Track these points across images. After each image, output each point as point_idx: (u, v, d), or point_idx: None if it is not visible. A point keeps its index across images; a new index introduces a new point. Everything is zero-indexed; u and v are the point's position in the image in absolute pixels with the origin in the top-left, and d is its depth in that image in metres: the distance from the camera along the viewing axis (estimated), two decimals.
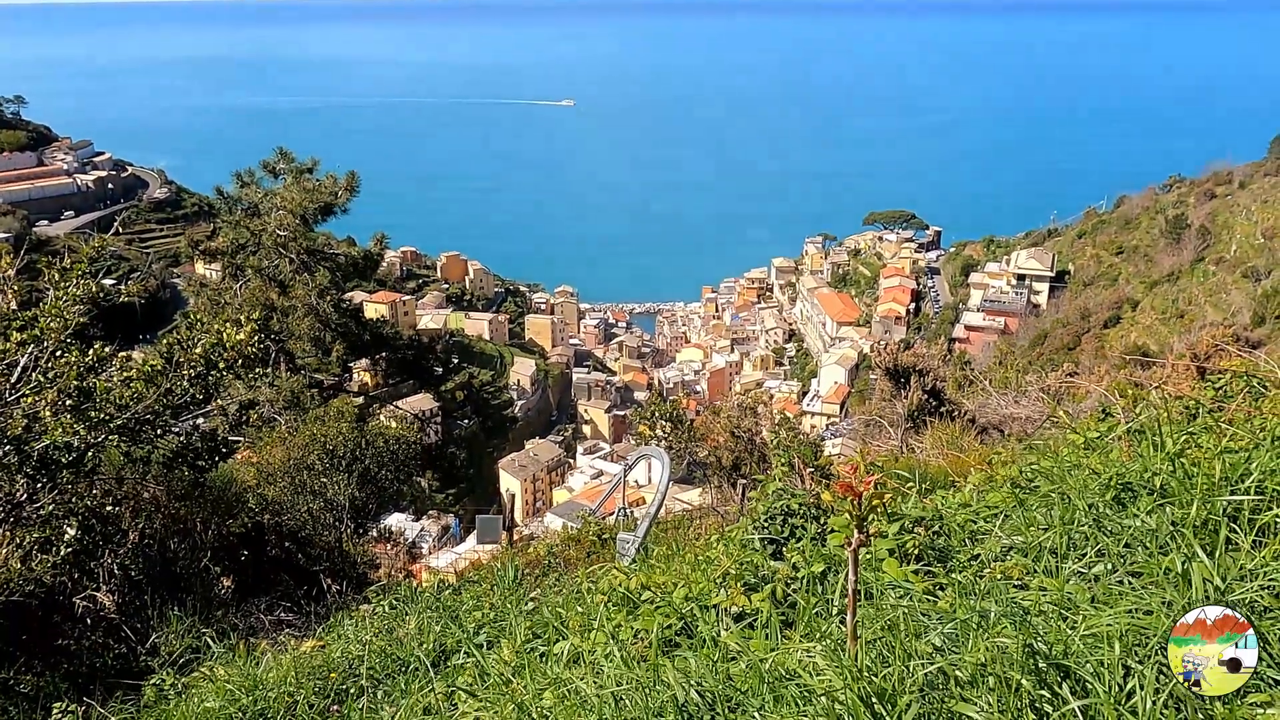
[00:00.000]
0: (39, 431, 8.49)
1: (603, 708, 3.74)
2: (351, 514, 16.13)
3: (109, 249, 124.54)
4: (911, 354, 22.18)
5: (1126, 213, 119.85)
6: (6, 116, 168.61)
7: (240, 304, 25.50)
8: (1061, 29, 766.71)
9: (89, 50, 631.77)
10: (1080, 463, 5.12)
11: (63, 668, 8.26)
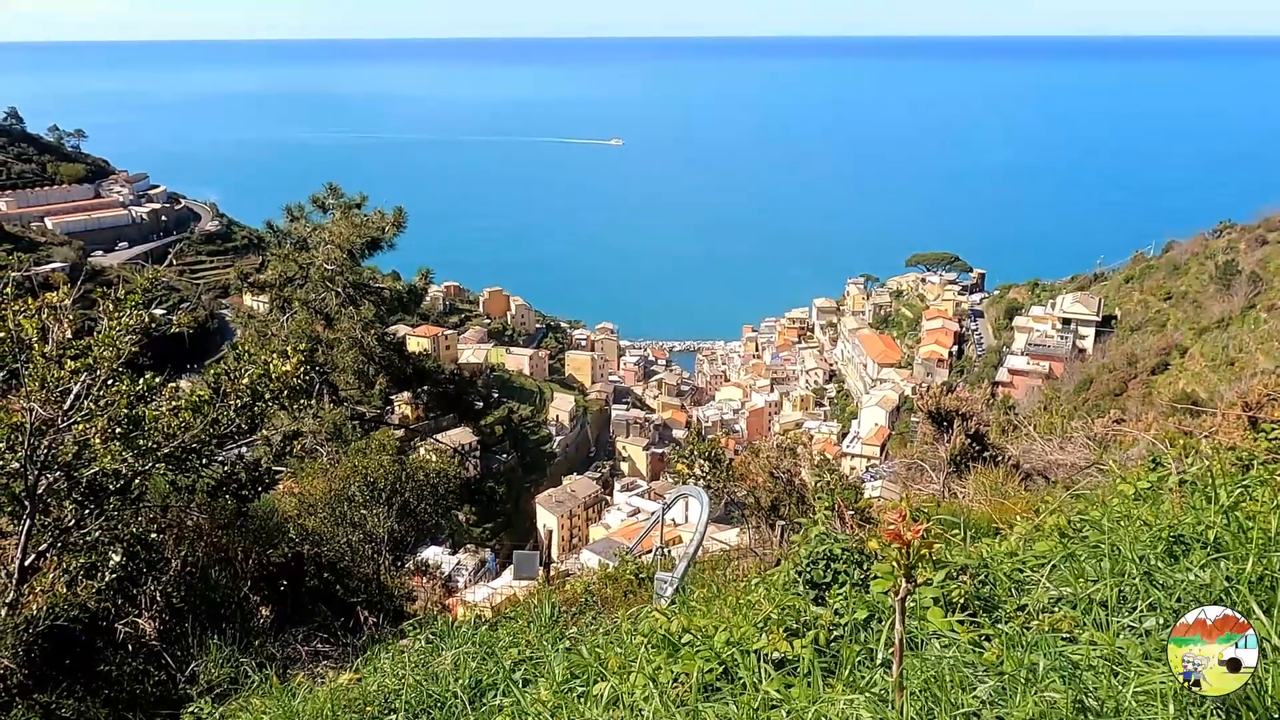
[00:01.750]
0: (89, 458, 8.63)
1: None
2: (390, 546, 16.17)
3: (161, 280, 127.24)
4: (954, 397, 21.93)
5: (1175, 258, 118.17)
6: (67, 150, 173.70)
7: (287, 336, 25.85)
8: (1114, 73, 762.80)
9: (149, 86, 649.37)
10: (1130, 513, 5.01)
11: (103, 693, 8.32)
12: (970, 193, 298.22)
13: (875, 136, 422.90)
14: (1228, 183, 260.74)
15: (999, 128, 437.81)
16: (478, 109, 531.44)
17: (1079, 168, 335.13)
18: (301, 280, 28.37)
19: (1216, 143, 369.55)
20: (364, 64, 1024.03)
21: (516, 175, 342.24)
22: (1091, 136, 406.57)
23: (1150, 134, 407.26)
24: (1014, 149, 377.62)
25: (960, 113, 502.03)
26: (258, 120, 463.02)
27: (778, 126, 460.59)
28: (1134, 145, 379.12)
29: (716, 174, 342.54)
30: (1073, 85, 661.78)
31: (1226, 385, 55.56)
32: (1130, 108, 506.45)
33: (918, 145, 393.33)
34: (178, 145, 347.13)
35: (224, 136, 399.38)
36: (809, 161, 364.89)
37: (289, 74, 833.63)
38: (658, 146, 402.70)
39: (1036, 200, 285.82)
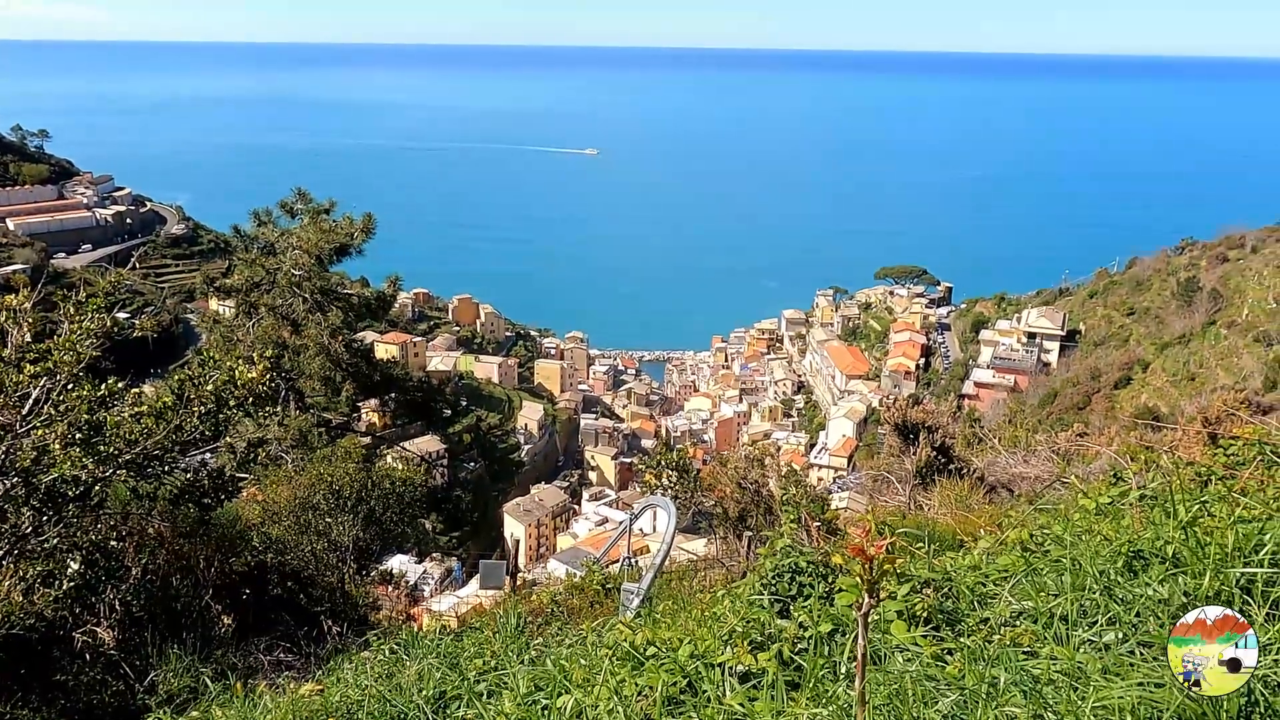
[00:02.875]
0: (47, 464, 8.50)
1: None
2: (355, 555, 16.03)
3: (125, 283, 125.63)
4: (921, 410, 22.13)
5: (1138, 274, 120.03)
6: (30, 150, 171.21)
7: (253, 342, 25.60)
8: (1080, 92, 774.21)
9: (120, 88, 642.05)
10: (1091, 528, 5.08)
11: (60, 703, 8.19)
12: (939, 207, 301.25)
13: (847, 150, 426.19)
14: (1191, 200, 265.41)
15: (969, 143, 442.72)
16: (453, 116, 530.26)
17: (1046, 184, 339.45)
18: (268, 285, 28.12)
19: (1181, 161, 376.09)
20: (339, 69, 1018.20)
21: (490, 183, 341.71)
22: (1060, 153, 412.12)
23: (1118, 151, 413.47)
24: (983, 165, 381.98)
25: (932, 128, 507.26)
26: (229, 124, 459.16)
27: (752, 139, 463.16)
28: (1101, 162, 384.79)
29: (690, 184, 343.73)
30: (1042, 103, 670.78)
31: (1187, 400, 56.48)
32: (1098, 126, 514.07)
33: (889, 160, 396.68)
34: (147, 148, 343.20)
35: (194, 140, 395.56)
36: (781, 174, 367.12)
37: (262, 78, 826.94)
38: (633, 157, 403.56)
39: (1003, 215, 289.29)
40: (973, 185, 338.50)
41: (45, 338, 8.94)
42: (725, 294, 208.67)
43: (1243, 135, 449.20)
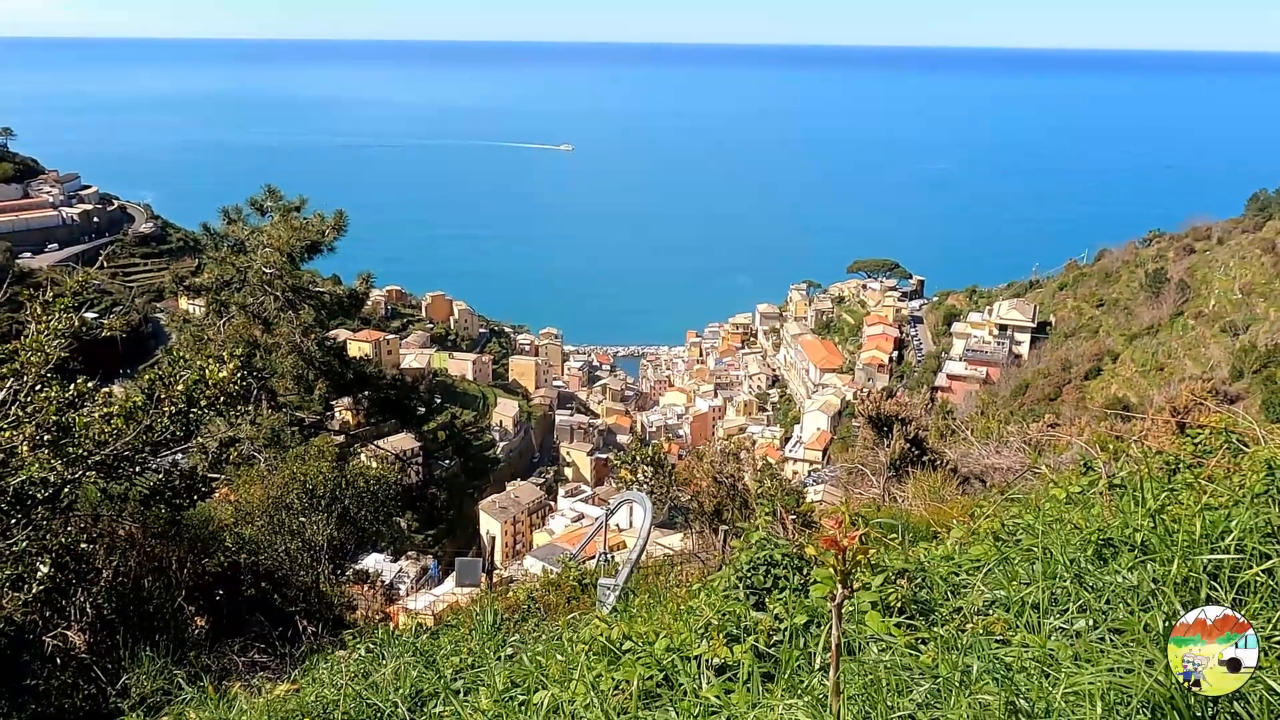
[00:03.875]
0: (15, 466, 8.39)
1: None
2: (330, 554, 15.93)
3: (93, 283, 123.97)
4: (894, 403, 22.28)
5: (1107, 266, 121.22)
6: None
7: (224, 340, 25.35)
8: (1047, 87, 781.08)
9: (82, 84, 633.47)
10: (1062, 517, 5.13)
11: (31, 708, 8.10)
12: (911, 201, 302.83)
13: (820, 145, 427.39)
14: (1157, 192, 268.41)
15: (941, 138, 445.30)
16: (424, 112, 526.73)
17: (1016, 177, 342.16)
18: (239, 284, 27.86)
19: (1147, 153, 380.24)
20: (306, 65, 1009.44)
21: (462, 179, 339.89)
22: (1030, 147, 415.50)
23: (1089, 144, 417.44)
24: (954, 158, 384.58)
25: (904, 123, 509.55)
26: (195, 121, 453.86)
27: (726, 134, 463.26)
28: (1069, 155, 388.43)
29: (664, 180, 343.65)
30: (1017, 96, 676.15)
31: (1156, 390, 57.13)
32: (1068, 120, 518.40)
33: (862, 154, 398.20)
34: (112, 146, 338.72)
35: (160, 138, 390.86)
36: (755, 168, 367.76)
37: (226, 75, 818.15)
38: (607, 152, 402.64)
39: (975, 208, 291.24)
40: (944, 178, 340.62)
41: (12, 338, 8.83)
42: (699, 289, 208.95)
43: (1209, 128, 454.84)
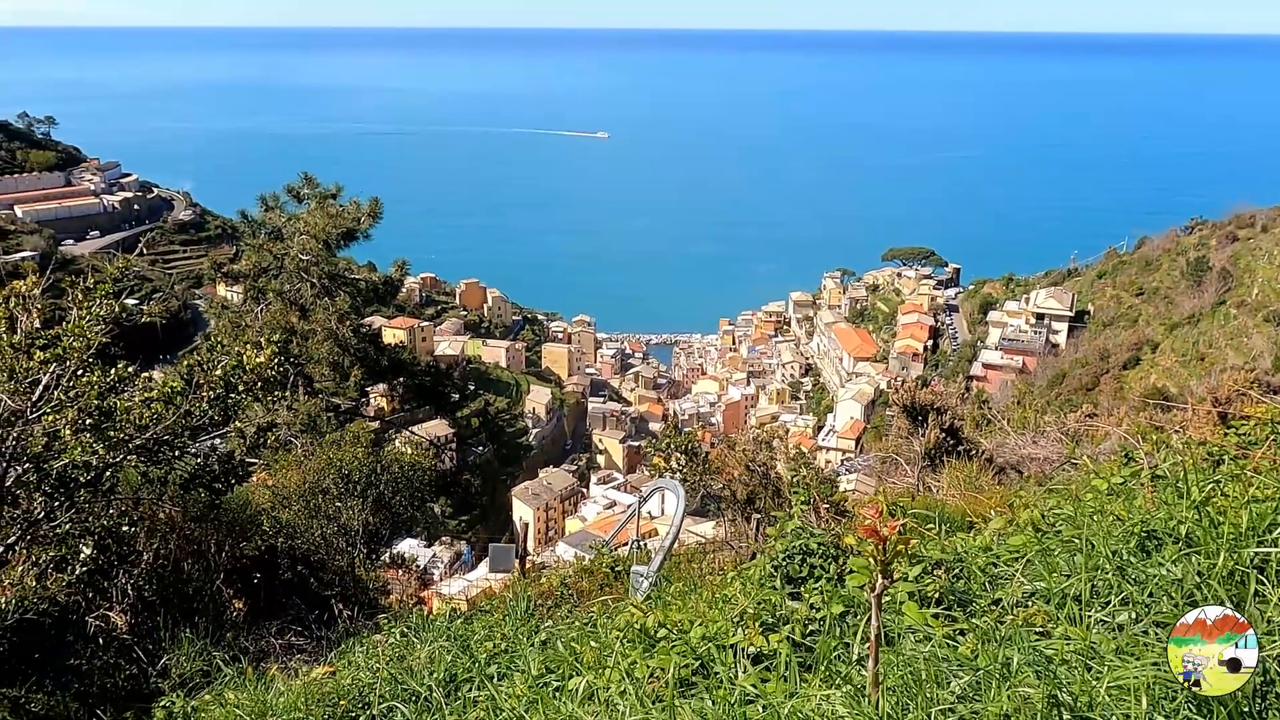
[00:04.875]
0: (58, 450, 8.52)
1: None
2: (365, 539, 16.08)
3: (133, 269, 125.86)
4: (930, 392, 22.06)
5: (1147, 254, 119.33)
6: (37, 137, 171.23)
7: (261, 327, 25.62)
8: (1089, 70, 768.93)
9: (120, 73, 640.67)
10: (1104, 508, 5.05)
11: (73, 687, 8.23)
12: (947, 188, 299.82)
13: (855, 131, 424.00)
14: (1200, 179, 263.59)
15: (977, 123, 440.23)
16: (461, 99, 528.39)
17: (1054, 164, 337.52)
18: (276, 271, 28.14)
19: (1191, 140, 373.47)
20: (343, 52, 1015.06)
21: (498, 167, 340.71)
22: (1068, 133, 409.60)
23: (1126, 130, 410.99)
24: (991, 144, 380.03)
25: (939, 108, 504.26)
26: (228, 109, 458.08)
27: (760, 120, 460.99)
28: (1109, 141, 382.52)
29: (698, 167, 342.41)
30: (1051, 81, 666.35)
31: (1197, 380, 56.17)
32: (1106, 104, 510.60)
33: (896, 140, 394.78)
34: (147, 134, 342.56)
35: (195, 125, 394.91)
36: (789, 155, 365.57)
37: (259, 62, 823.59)
38: (643, 140, 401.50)
39: (1012, 196, 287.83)
40: (980, 165, 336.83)
41: (54, 324, 8.95)
42: (732, 277, 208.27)
43: (1252, 114, 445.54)
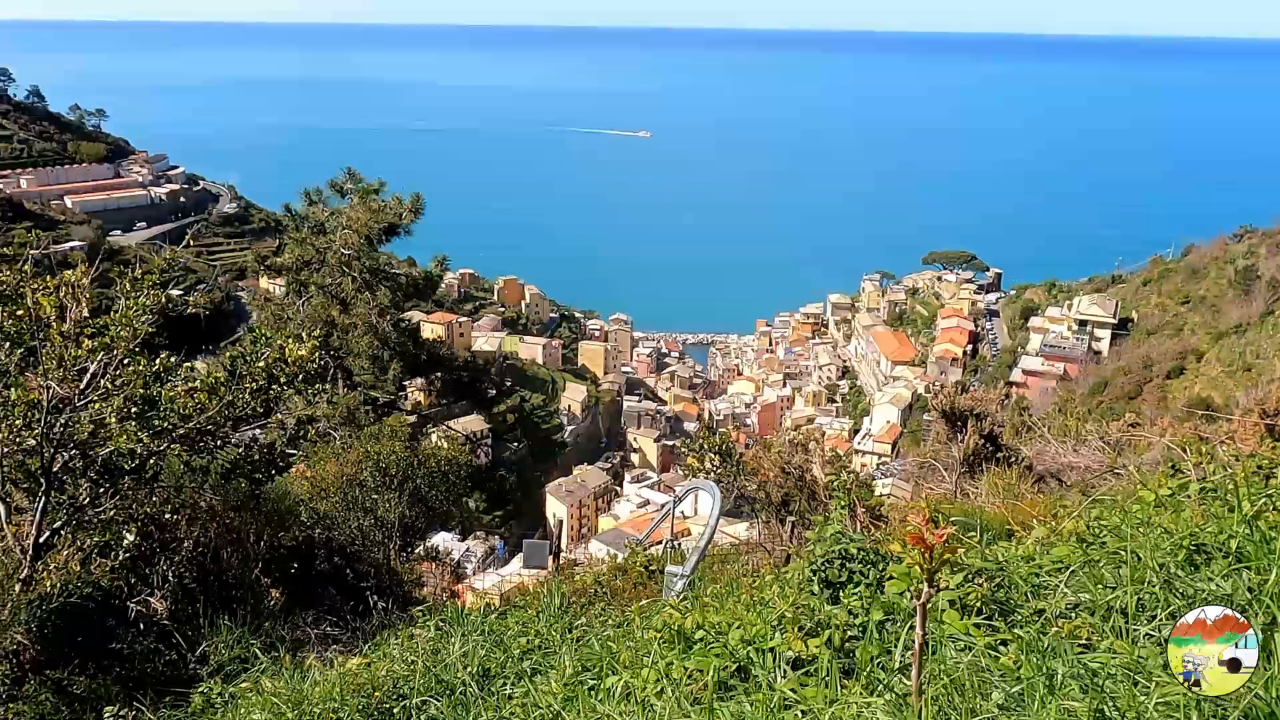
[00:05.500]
0: (104, 437, 8.66)
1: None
2: (400, 532, 16.20)
3: (179, 261, 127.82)
4: (969, 397, 21.85)
5: (1194, 262, 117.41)
6: (88, 129, 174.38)
7: (302, 320, 25.93)
8: (1135, 74, 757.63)
9: (165, 68, 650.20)
10: (1150, 520, 4.96)
11: (115, 671, 8.36)
12: (989, 192, 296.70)
13: (894, 133, 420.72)
14: (1248, 186, 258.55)
15: (1020, 126, 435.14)
16: (503, 97, 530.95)
17: (1099, 169, 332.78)
18: (318, 264, 28.45)
19: (1238, 146, 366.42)
20: (385, 50, 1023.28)
21: (540, 164, 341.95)
22: (1113, 137, 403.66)
23: (1172, 136, 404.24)
24: (1034, 148, 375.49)
25: (981, 110, 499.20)
26: (275, 104, 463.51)
27: (800, 121, 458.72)
28: (1155, 147, 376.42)
29: (739, 167, 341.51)
30: (1094, 85, 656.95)
31: (1243, 391, 55.16)
32: (1152, 109, 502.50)
33: (937, 142, 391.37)
34: (195, 127, 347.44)
35: (243, 119, 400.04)
36: (828, 156, 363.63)
37: (306, 58, 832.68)
38: (685, 139, 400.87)
39: (1056, 201, 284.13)
40: (1024, 169, 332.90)
41: (102, 313, 9.08)
42: (770, 278, 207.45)
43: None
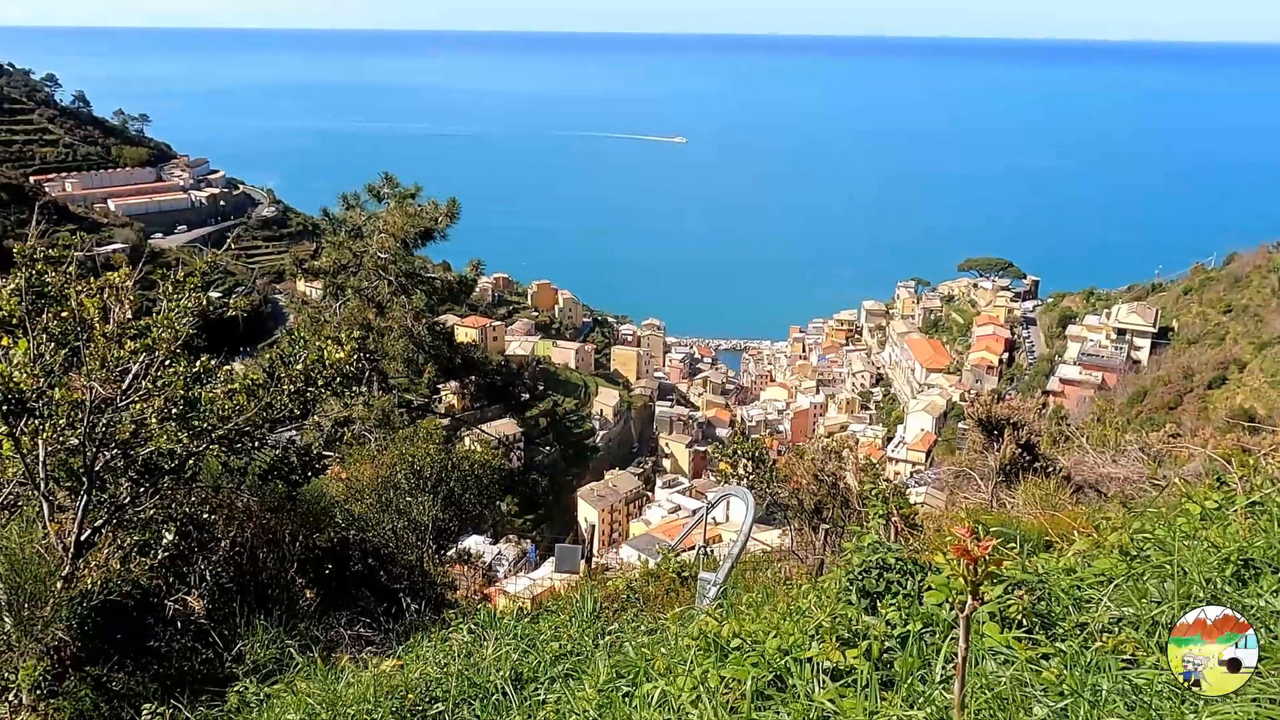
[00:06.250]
0: (145, 437, 8.76)
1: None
2: (434, 534, 16.26)
3: (219, 264, 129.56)
4: (1006, 406, 21.60)
5: (1237, 270, 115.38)
6: (131, 133, 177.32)
7: (339, 323, 26.14)
8: (1174, 80, 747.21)
9: (204, 72, 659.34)
10: (1196, 533, 4.86)
11: (152, 669, 8.44)
12: (1028, 198, 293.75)
13: (931, 138, 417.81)
14: None
15: (1057, 133, 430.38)
16: (545, 103, 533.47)
17: (1139, 175, 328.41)
18: (355, 268, 28.67)
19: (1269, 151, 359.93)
20: (420, 55, 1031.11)
21: (576, 169, 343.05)
22: (1152, 144, 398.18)
23: (1213, 142, 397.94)
24: (1075, 155, 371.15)
25: (1017, 116, 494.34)
26: (316, 109, 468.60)
27: (835, 126, 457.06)
28: (1196, 153, 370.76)
29: (774, 172, 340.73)
30: (1132, 91, 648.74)
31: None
32: (1191, 115, 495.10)
33: (975, 148, 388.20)
34: (237, 131, 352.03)
35: (281, 125, 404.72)
36: (864, 162, 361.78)
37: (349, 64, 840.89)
38: (719, 145, 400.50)
39: (1094, 208, 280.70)
40: (1064, 176, 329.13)
41: (144, 315, 9.19)
42: (803, 284, 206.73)
43: None
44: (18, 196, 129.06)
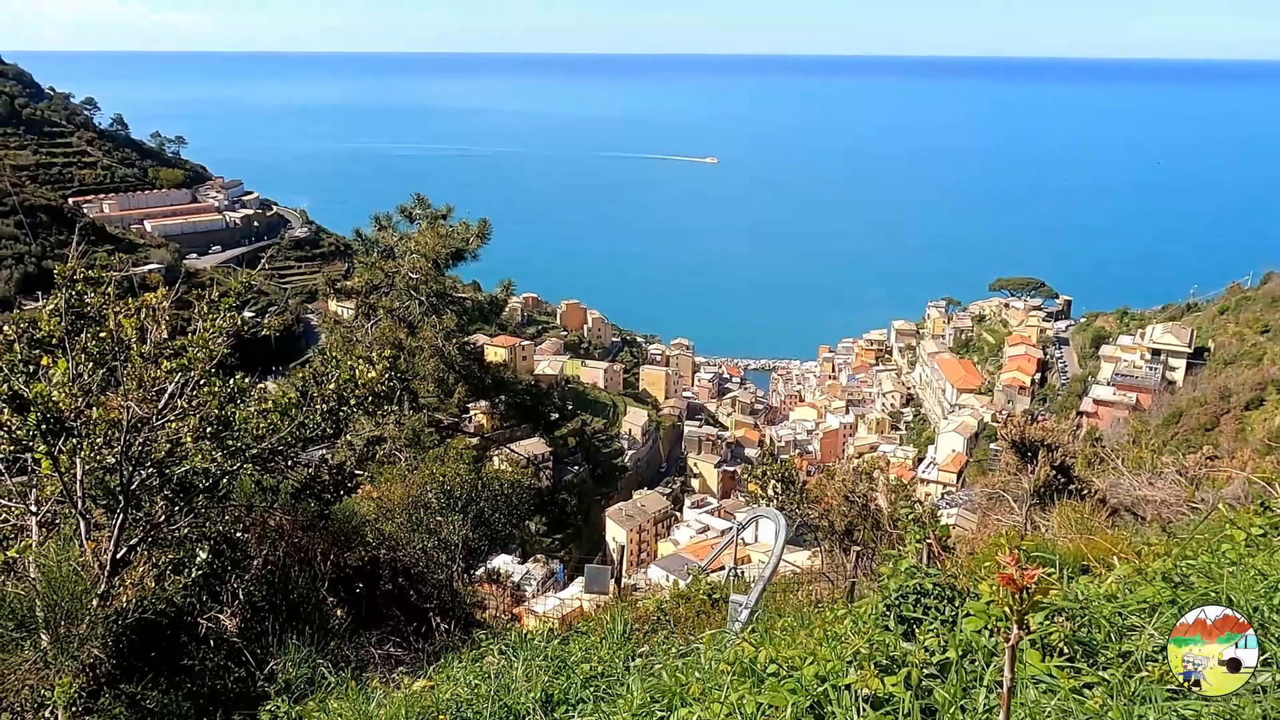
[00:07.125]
0: (180, 456, 8.84)
1: None
2: (464, 554, 16.27)
3: (253, 284, 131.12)
4: (1040, 427, 21.37)
5: (1274, 289, 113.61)
6: (167, 155, 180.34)
7: (371, 342, 26.31)
8: (1211, 99, 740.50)
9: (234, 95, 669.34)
10: (1242, 560, 4.76)
11: (186, 687, 8.49)
12: (1060, 217, 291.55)
13: (962, 157, 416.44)
14: None
15: (1088, 151, 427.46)
16: (576, 124, 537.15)
17: (1173, 194, 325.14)
18: (387, 288, 28.88)
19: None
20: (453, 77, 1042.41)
21: (607, 190, 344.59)
22: (1188, 162, 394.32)
23: (1251, 160, 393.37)
24: (1107, 173, 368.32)
25: (1051, 135, 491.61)
26: (349, 130, 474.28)
27: (864, 146, 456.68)
28: (1233, 171, 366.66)
29: (804, 192, 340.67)
30: (1167, 109, 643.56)
31: None
32: (1229, 133, 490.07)
33: (1006, 166, 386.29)
34: (266, 154, 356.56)
35: (315, 146, 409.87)
36: (894, 181, 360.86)
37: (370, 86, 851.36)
38: (750, 165, 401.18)
39: (1127, 227, 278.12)
40: (1095, 194, 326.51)
41: (180, 335, 9.29)
42: (833, 304, 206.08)
43: None
44: (57, 218, 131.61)
